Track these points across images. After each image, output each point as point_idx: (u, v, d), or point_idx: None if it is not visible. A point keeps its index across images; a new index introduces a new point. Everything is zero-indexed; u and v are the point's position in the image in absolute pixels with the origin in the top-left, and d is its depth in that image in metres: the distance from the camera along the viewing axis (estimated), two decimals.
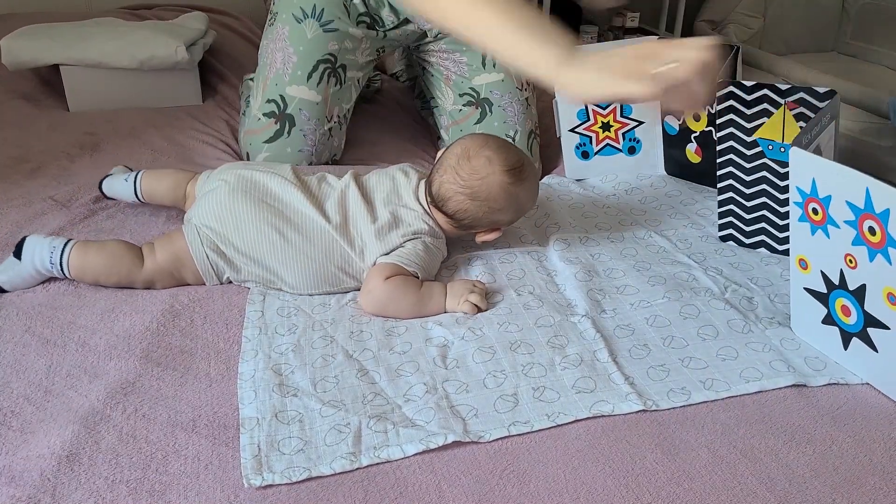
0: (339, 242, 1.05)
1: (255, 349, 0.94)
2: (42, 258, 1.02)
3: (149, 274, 1.04)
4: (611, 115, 1.44)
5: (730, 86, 1.14)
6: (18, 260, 1.03)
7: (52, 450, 0.78)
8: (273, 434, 0.81)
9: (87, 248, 1.04)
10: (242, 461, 0.78)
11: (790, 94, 1.10)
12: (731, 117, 1.15)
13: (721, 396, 0.87)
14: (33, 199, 1.25)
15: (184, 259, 1.05)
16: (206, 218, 1.05)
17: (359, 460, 0.78)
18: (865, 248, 0.84)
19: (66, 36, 1.66)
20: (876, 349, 0.88)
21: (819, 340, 0.96)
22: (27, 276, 1.04)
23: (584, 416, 0.84)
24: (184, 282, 1.06)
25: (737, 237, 1.21)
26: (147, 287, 1.05)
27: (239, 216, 1.04)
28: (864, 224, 0.83)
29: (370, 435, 0.81)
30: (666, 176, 1.46)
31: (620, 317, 1.01)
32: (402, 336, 0.98)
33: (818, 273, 0.92)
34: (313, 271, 1.05)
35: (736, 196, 1.19)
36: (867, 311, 0.87)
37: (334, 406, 0.85)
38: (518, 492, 0.75)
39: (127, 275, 1.04)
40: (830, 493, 0.75)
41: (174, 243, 1.05)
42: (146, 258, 1.05)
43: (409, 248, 1.06)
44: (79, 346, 0.94)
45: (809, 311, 0.95)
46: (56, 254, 1.03)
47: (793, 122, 1.10)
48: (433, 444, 0.80)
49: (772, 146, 1.13)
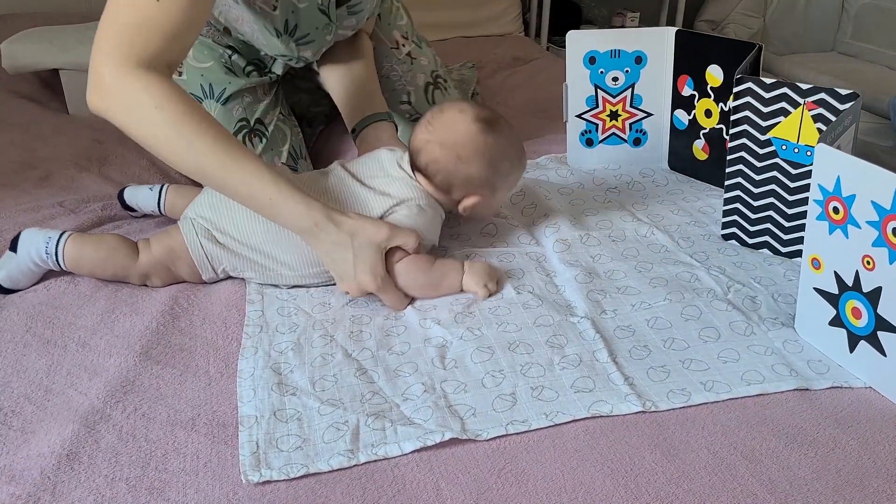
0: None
1: (255, 346, 0.95)
2: (38, 248, 1.03)
3: (144, 267, 1.04)
4: (620, 104, 1.43)
5: (749, 82, 1.12)
6: (15, 253, 1.03)
7: (53, 448, 0.78)
8: (272, 432, 0.82)
9: (84, 240, 1.05)
10: (241, 458, 0.78)
11: (811, 94, 1.08)
12: (747, 114, 1.14)
13: (722, 398, 0.87)
14: (42, 205, 1.26)
15: (179, 251, 1.05)
16: (201, 209, 1.06)
17: (356, 457, 0.78)
18: (887, 249, 0.83)
19: (65, 39, 1.66)
20: (885, 353, 0.87)
21: (823, 342, 0.95)
22: (26, 270, 1.04)
23: (583, 415, 0.84)
24: (179, 276, 1.07)
25: (740, 237, 1.20)
26: (143, 281, 1.06)
27: (232, 204, 1.04)
28: (889, 225, 0.82)
29: (368, 433, 0.81)
30: (669, 171, 1.46)
31: (621, 318, 1.01)
32: (401, 336, 0.98)
33: (831, 273, 0.92)
34: (309, 250, 1.03)
35: (743, 195, 1.18)
36: (880, 315, 0.86)
37: (333, 405, 0.85)
38: (516, 491, 0.75)
39: (123, 267, 1.04)
40: (832, 495, 0.75)
41: (170, 237, 1.06)
42: (142, 252, 1.05)
43: (403, 216, 1.07)
44: (79, 346, 0.94)
45: (817, 311, 0.95)
46: (52, 244, 1.03)
47: (810, 122, 1.09)
48: (430, 441, 0.80)
49: (786, 146, 1.12)
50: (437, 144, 1.08)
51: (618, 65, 1.40)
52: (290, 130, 1.41)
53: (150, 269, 1.05)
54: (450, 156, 1.08)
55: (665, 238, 1.21)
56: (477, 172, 1.10)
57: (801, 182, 1.12)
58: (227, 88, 1.32)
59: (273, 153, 1.35)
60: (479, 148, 1.08)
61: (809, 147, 1.09)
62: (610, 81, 1.42)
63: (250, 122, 1.34)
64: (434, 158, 1.09)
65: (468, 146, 1.08)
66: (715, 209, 1.30)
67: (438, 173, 1.09)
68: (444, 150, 1.08)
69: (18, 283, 1.04)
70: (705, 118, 1.37)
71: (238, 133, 1.33)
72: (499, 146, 1.10)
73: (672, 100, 1.42)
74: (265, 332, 0.97)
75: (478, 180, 1.11)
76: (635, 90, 1.42)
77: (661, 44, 1.38)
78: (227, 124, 1.30)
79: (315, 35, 1.20)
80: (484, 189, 1.12)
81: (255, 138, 1.34)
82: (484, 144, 1.09)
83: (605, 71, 1.41)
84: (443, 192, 1.11)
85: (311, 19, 1.16)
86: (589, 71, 1.41)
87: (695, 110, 1.39)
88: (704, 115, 1.37)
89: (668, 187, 1.40)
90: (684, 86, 1.39)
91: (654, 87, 1.42)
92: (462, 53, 2.16)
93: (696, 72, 1.36)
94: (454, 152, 1.08)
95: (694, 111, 1.39)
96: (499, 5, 2.58)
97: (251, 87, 1.36)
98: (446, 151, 1.08)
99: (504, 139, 1.11)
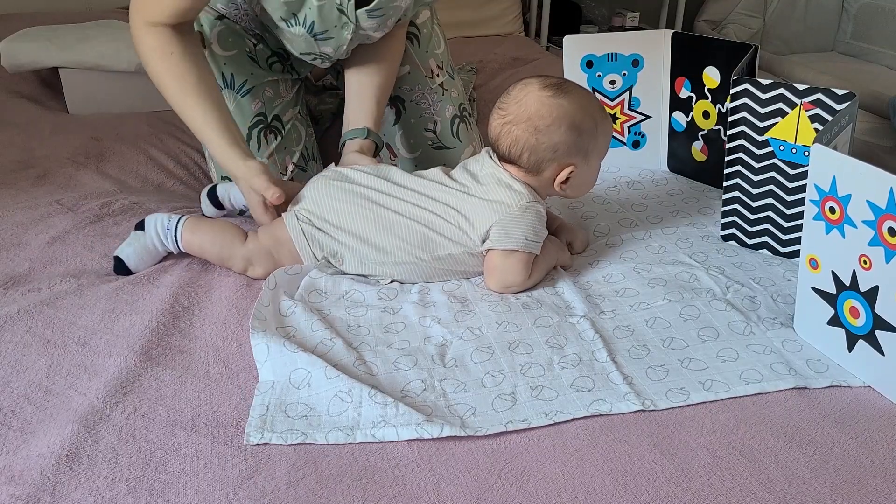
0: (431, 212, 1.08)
1: (264, 321, 0.97)
2: (162, 224, 1.11)
3: (249, 252, 1.10)
4: (618, 108, 1.44)
5: (745, 83, 1.13)
6: (142, 231, 1.11)
7: (52, 449, 0.78)
8: (283, 397, 0.86)
9: (201, 220, 1.15)
10: (249, 419, 0.83)
11: (808, 94, 1.09)
12: (744, 115, 1.14)
13: (720, 397, 0.87)
14: (39, 203, 1.26)
15: (283, 239, 1.10)
16: (305, 203, 1.11)
17: (353, 436, 0.80)
18: (883, 249, 0.83)
19: (64, 38, 1.66)
20: (882, 352, 0.87)
21: (822, 341, 0.96)
22: (151, 248, 1.11)
23: (582, 414, 0.84)
24: (281, 263, 1.10)
25: (739, 237, 1.21)
26: (245, 267, 1.10)
27: (335, 196, 1.10)
28: (885, 224, 0.82)
29: (370, 406, 0.83)
30: (668, 173, 1.46)
31: (620, 318, 1.01)
32: (401, 334, 0.98)
33: (829, 273, 0.92)
34: (410, 234, 1.07)
35: (742, 196, 1.18)
36: (877, 314, 0.86)
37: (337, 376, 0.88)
38: (516, 491, 0.75)
39: (229, 246, 1.10)
40: (831, 494, 0.75)
41: (276, 227, 1.11)
42: (249, 239, 1.11)
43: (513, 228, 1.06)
44: (79, 346, 0.94)
45: (815, 311, 0.95)
46: (172, 222, 1.11)
47: (807, 123, 1.10)
48: (427, 434, 0.80)
49: (783, 147, 1.12)
50: (513, 124, 1.07)
51: (615, 68, 1.41)
52: (305, 131, 1.42)
53: (254, 255, 1.09)
54: (529, 130, 1.06)
55: (663, 239, 1.21)
56: (561, 138, 1.06)
57: (799, 182, 1.12)
58: (248, 80, 1.34)
59: (286, 153, 1.36)
60: (554, 113, 1.05)
61: (807, 147, 1.10)
62: (607, 84, 1.42)
63: (268, 117, 1.35)
64: (514, 139, 1.07)
65: (544, 114, 1.05)
66: (714, 210, 1.30)
67: (523, 153, 1.07)
68: (520, 127, 1.06)
69: (141, 263, 1.11)
70: (703, 120, 1.38)
71: (254, 127, 1.34)
72: (575, 106, 1.06)
73: (670, 102, 1.42)
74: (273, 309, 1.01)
75: (565, 147, 1.07)
76: (633, 93, 1.43)
77: (658, 46, 1.39)
78: (244, 116, 1.33)
79: (334, 33, 1.21)
80: (575, 157, 1.08)
81: (269, 134, 1.36)
82: (559, 108, 1.06)
83: (603, 74, 1.41)
84: (534, 175, 1.08)
85: (329, 17, 1.17)
86: (587, 74, 1.41)
87: (693, 112, 1.39)
88: (702, 116, 1.38)
89: (667, 188, 1.40)
90: (682, 88, 1.39)
91: (652, 89, 1.42)
92: (462, 54, 2.15)
93: (694, 74, 1.37)
94: (532, 125, 1.05)
95: (692, 113, 1.39)
96: (499, 5, 2.58)
97: (273, 80, 1.37)
98: (524, 127, 1.06)
99: (579, 98, 1.08)
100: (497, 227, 1.05)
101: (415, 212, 1.08)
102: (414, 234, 1.07)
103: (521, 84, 1.09)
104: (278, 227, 1.11)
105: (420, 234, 1.07)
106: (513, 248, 1.05)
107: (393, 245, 1.07)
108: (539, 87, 1.07)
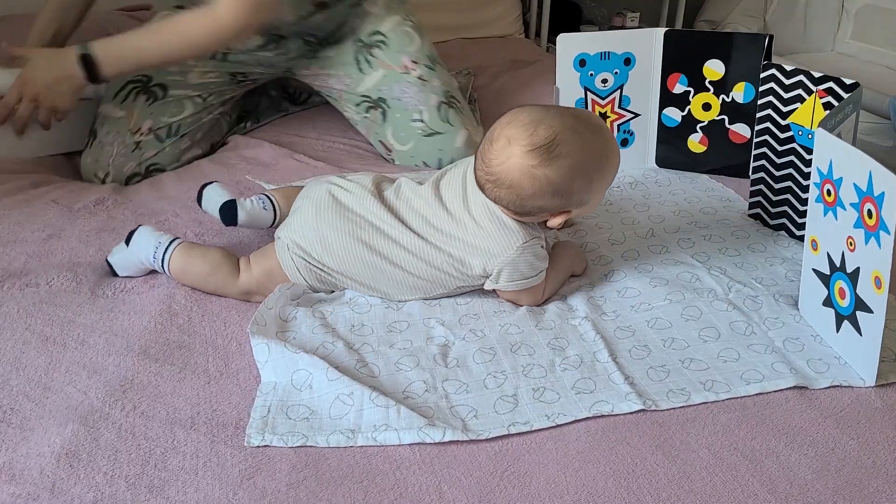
0: (427, 262, 1.02)
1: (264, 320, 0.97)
2: (147, 252, 1.05)
3: (244, 286, 1.04)
4: (608, 106, 1.44)
5: (773, 69, 1.18)
6: (127, 247, 1.07)
7: (52, 447, 0.78)
8: (285, 399, 0.85)
9: (190, 252, 1.05)
10: (251, 421, 0.82)
11: (822, 82, 1.13)
12: (770, 99, 1.19)
13: (721, 398, 0.87)
14: (35, 203, 1.25)
15: (277, 275, 1.04)
16: (295, 236, 1.04)
17: (355, 439, 0.80)
18: (863, 230, 0.84)
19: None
20: (861, 333, 0.88)
21: (818, 322, 0.97)
22: (135, 262, 1.07)
23: (584, 416, 0.84)
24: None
25: (763, 217, 1.26)
26: (244, 298, 1.05)
27: (326, 235, 1.02)
28: (865, 207, 0.83)
29: (372, 409, 0.83)
30: (668, 171, 1.47)
31: (621, 319, 1.01)
32: (404, 333, 0.98)
33: (825, 255, 0.93)
34: (408, 283, 1.03)
35: (766, 177, 1.23)
36: (858, 295, 0.87)
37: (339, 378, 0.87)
38: (519, 493, 0.75)
39: (223, 285, 1.05)
40: (832, 495, 0.75)
41: (268, 258, 1.05)
42: (242, 272, 1.05)
43: (512, 271, 1.01)
44: (78, 344, 0.94)
45: (814, 292, 0.96)
46: (160, 250, 1.04)
47: (821, 110, 1.13)
48: (429, 438, 0.80)
49: (801, 132, 1.16)
50: (494, 185, 0.96)
51: (607, 67, 1.41)
52: (193, 115, 1.47)
53: (250, 287, 1.04)
54: (511, 195, 0.96)
55: (664, 239, 1.21)
56: (548, 202, 0.97)
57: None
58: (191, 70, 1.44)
59: (148, 116, 1.43)
60: (540, 185, 0.94)
61: None
62: (599, 83, 1.43)
63: (151, 81, 1.44)
64: (497, 197, 0.97)
65: (525, 185, 0.94)
66: (717, 210, 1.30)
67: (509, 207, 0.98)
68: (502, 189, 0.96)
69: (128, 272, 1.07)
70: (703, 112, 1.41)
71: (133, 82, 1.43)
72: (565, 173, 0.95)
73: (661, 98, 1.43)
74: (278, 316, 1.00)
75: (554, 208, 0.98)
76: (624, 91, 1.44)
77: (650, 44, 1.39)
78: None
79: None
80: (568, 208, 1.00)
81: (141, 94, 1.44)
82: (544, 180, 0.94)
83: (595, 73, 1.42)
84: (524, 215, 1.00)
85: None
86: (579, 74, 1.41)
87: (689, 106, 1.41)
88: (702, 108, 1.40)
89: (670, 188, 1.40)
90: (676, 83, 1.41)
91: (642, 87, 1.43)
92: (462, 55, 2.15)
93: (691, 68, 1.39)
94: (514, 193, 0.95)
95: (689, 107, 1.41)
96: (499, 7, 2.57)
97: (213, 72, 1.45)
98: (507, 192, 0.96)
99: (570, 160, 0.94)
100: (497, 270, 1.01)
101: (411, 263, 1.01)
102: (412, 284, 1.03)
103: (504, 140, 0.95)
104: (271, 258, 1.05)
105: (418, 286, 1.03)
106: (514, 289, 1.03)
107: (392, 289, 1.03)
108: (523, 151, 0.94)
